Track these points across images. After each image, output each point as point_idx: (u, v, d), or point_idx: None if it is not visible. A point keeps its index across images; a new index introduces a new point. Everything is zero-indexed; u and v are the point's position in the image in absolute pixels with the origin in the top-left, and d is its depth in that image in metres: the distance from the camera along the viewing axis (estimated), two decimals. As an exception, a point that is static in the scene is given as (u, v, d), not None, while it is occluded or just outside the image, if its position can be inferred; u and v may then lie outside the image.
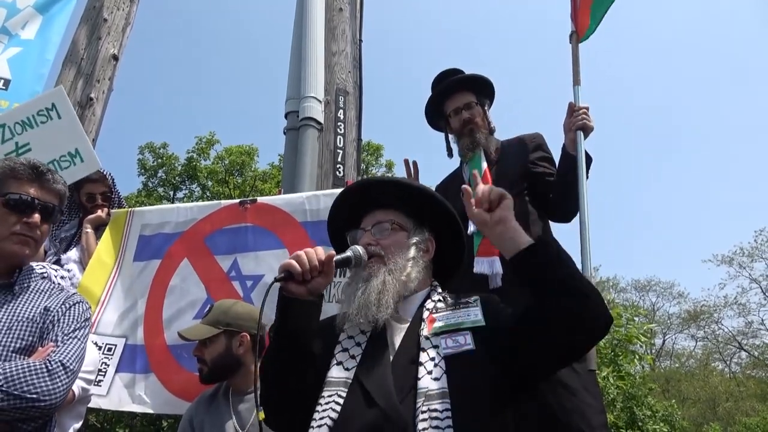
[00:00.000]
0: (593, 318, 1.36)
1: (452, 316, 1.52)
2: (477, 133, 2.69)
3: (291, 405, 1.49)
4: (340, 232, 1.83)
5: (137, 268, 2.95)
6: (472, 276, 2.37)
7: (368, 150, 18.06)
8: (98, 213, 3.17)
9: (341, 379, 1.44)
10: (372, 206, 1.75)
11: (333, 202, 1.89)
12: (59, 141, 3.04)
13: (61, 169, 2.99)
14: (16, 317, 1.70)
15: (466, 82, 2.80)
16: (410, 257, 1.63)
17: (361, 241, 1.66)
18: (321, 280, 1.48)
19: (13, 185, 1.77)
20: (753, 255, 24.97)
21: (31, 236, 1.78)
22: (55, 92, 3.16)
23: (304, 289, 1.45)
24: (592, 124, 2.53)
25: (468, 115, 2.73)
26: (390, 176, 2.56)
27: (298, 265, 1.43)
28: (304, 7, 4.08)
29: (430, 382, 1.35)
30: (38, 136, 3.03)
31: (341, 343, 1.55)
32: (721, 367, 28.24)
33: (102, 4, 4.78)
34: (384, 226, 1.68)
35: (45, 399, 1.55)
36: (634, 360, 11.95)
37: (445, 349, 1.42)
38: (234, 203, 2.93)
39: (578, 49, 2.87)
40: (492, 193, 1.48)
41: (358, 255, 1.58)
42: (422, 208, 1.75)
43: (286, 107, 3.89)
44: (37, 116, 3.04)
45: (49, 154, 2.98)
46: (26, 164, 1.81)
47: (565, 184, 2.49)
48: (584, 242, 2.37)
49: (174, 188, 18.17)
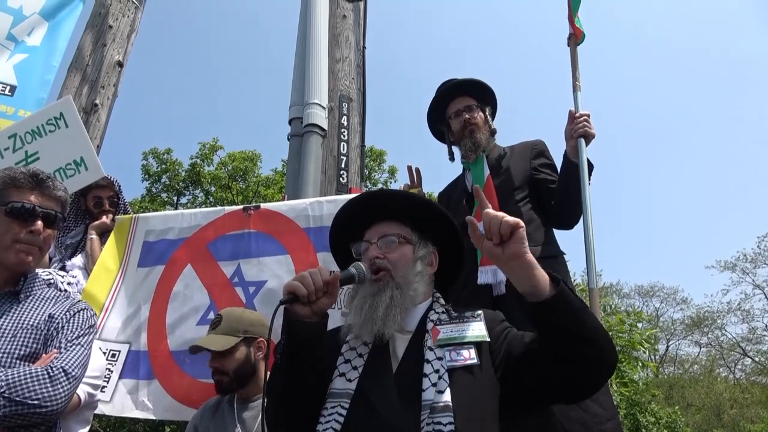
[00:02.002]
0: (599, 367, 1.35)
1: (456, 329, 1.51)
2: (477, 134, 2.69)
3: (295, 421, 1.48)
4: (342, 243, 1.82)
5: (141, 274, 2.95)
6: (475, 284, 2.37)
7: (371, 156, 18.06)
8: (103, 219, 3.19)
9: (344, 390, 1.44)
10: (375, 218, 1.74)
11: (337, 212, 1.88)
12: (66, 149, 3.06)
13: (67, 177, 3.01)
14: (20, 324, 1.71)
15: (466, 85, 2.81)
16: (417, 272, 1.63)
17: (367, 254, 1.66)
18: (326, 300, 1.47)
19: (14, 194, 1.77)
20: (756, 261, 24.94)
21: (35, 244, 1.78)
22: (64, 102, 3.19)
23: (309, 310, 1.45)
24: (593, 131, 2.52)
25: (468, 116, 2.73)
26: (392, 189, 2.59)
27: (303, 286, 1.41)
28: (308, 14, 4.10)
29: (434, 395, 1.33)
30: (46, 145, 3.06)
31: (343, 355, 1.54)
32: (725, 374, 28.13)
33: (107, 11, 4.81)
34: (391, 239, 1.67)
35: (46, 405, 1.55)
36: (637, 366, 11.91)
37: (450, 362, 1.41)
38: (238, 209, 2.93)
39: (577, 53, 2.85)
40: (503, 227, 1.35)
41: (362, 272, 1.57)
42: (425, 221, 1.74)
43: (290, 114, 3.90)
44: (46, 125, 3.07)
45: (55, 162, 3.02)
46: (26, 172, 1.81)
47: (567, 191, 2.48)
48: (589, 251, 2.37)
49: (177, 194, 18.19)
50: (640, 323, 12.36)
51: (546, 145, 2.76)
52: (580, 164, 2.45)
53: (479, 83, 2.81)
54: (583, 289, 9.28)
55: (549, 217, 2.59)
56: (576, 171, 2.46)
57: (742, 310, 25.68)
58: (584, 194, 2.42)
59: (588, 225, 2.40)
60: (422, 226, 1.74)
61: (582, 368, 1.33)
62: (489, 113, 2.81)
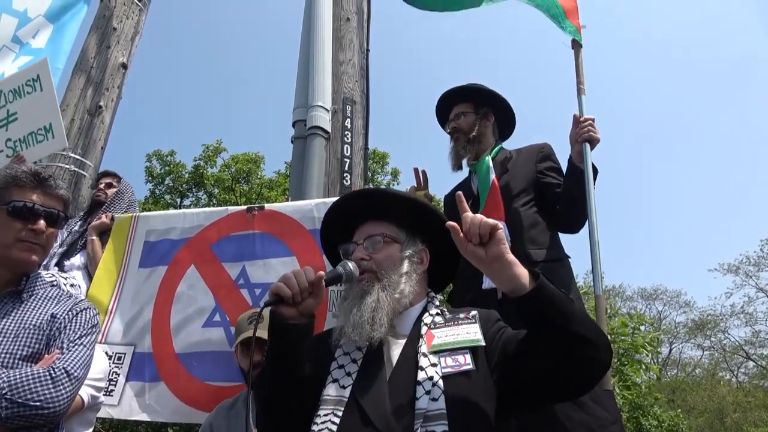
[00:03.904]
0: (591, 360, 1.33)
1: (451, 333, 1.48)
2: (458, 143, 2.77)
3: (284, 426, 1.47)
4: (334, 244, 1.80)
5: (143, 274, 2.92)
6: (479, 289, 2.36)
7: (374, 158, 18.05)
8: (102, 219, 3.19)
9: (337, 397, 1.41)
10: (364, 218, 1.73)
11: (325, 213, 1.87)
12: (38, 114, 3.07)
13: (36, 142, 3.02)
14: (23, 324, 1.70)
15: (461, 92, 2.84)
16: (403, 272, 1.61)
17: (353, 256, 1.64)
18: (312, 300, 1.46)
19: (15, 193, 1.78)
20: (759, 264, 24.84)
21: (37, 242, 1.78)
22: (40, 64, 3.16)
23: (295, 311, 1.43)
24: (598, 135, 2.51)
25: (454, 125, 2.78)
26: (381, 187, 2.55)
27: (287, 287, 1.41)
28: (312, 16, 4.11)
29: (429, 403, 1.31)
30: (24, 107, 3.08)
31: (337, 360, 1.52)
32: (728, 377, 28.02)
33: (111, 13, 4.82)
34: (376, 240, 1.65)
35: (48, 406, 1.55)
36: (640, 369, 11.88)
37: (445, 368, 1.39)
38: (241, 210, 2.89)
39: (581, 56, 2.83)
40: (482, 227, 1.37)
41: (349, 271, 1.56)
42: (415, 218, 1.73)
43: (294, 116, 3.91)
44: (26, 86, 3.08)
45: (29, 126, 3.03)
46: (28, 172, 1.82)
47: (572, 196, 2.48)
48: (594, 257, 2.35)
49: (181, 195, 18.21)
50: (642, 326, 12.34)
51: (552, 148, 2.75)
52: (585, 169, 2.45)
53: (472, 88, 2.82)
54: (586, 292, 9.26)
55: (554, 221, 2.58)
56: (581, 176, 2.45)
57: (745, 313, 25.64)
58: (589, 200, 2.41)
59: (594, 231, 2.38)
60: (413, 225, 1.72)
61: (573, 362, 1.31)
62: (490, 116, 2.80)
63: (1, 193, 1.78)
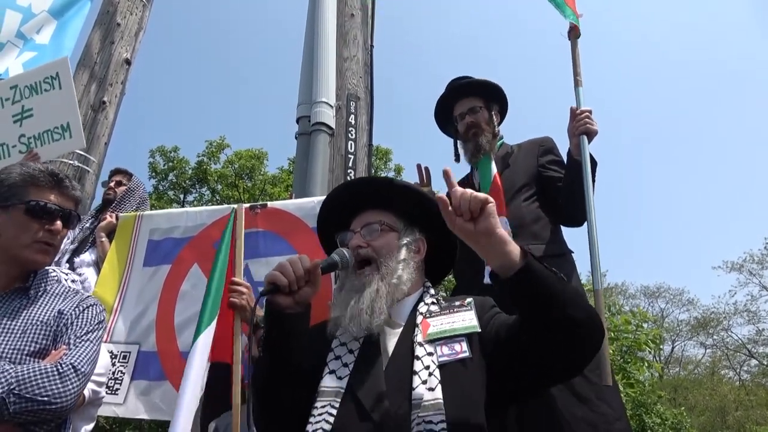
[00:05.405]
0: (582, 337, 1.31)
1: (447, 321, 1.48)
2: (480, 137, 2.69)
3: (282, 418, 1.46)
4: (331, 235, 1.79)
5: (147, 273, 2.93)
6: (481, 284, 2.35)
7: (377, 154, 18.07)
8: (109, 219, 3.20)
9: (334, 388, 1.40)
10: (361, 207, 1.73)
11: (322, 203, 1.86)
12: (56, 112, 3.06)
13: (53, 140, 3.02)
14: (30, 321, 1.71)
15: (472, 86, 2.81)
16: (401, 259, 1.60)
17: (350, 243, 1.63)
18: (308, 289, 1.46)
19: (33, 192, 1.77)
20: (763, 262, 24.79)
21: (53, 243, 1.79)
22: (60, 62, 3.17)
23: (291, 300, 1.43)
24: (595, 127, 2.48)
25: (471, 119, 2.73)
26: (379, 176, 2.54)
27: (283, 276, 1.40)
28: (316, 12, 4.11)
29: (425, 392, 1.31)
30: (41, 104, 3.07)
31: (333, 351, 1.51)
32: (731, 375, 28.02)
33: (115, 9, 4.83)
34: (373, 227, 1.64)
35: (56, 401, 1.56)
36: (643, 367, 11.87)
37: (441, 357, 1.38)
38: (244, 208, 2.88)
39: (577, 46, 2.79)
40: (472, 202, 1.31)
41: (345, 258, 1.55)
42: (412, 207, 1.72)
43: (298, 112, 3.91)
44: (43, 83, 3.08)
45: (45, 123, 3.02)
46: (45, 171, 1.81)
47: (572, 189, 2.46)
48: (593, 250, 2.33)
49: (184, 191, 18.27)
50: (645, 323, 12.32)
51: (554, 141, 2.74)
52: (583, 162, 2.43)
53: (484, 83, 2.80)
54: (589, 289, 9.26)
55: (557, 215, 2.58)
56: (580, 169, 2.44)
57: (748, 311, 25.60)
58: (587, 192, 2.38)
59: (592, 224, 2.35)
60: (410, 214, 1.72)
61: (563, 341, 1.29)
62: (496, 111, 2.80)
63: (18, 191, 1.76)
